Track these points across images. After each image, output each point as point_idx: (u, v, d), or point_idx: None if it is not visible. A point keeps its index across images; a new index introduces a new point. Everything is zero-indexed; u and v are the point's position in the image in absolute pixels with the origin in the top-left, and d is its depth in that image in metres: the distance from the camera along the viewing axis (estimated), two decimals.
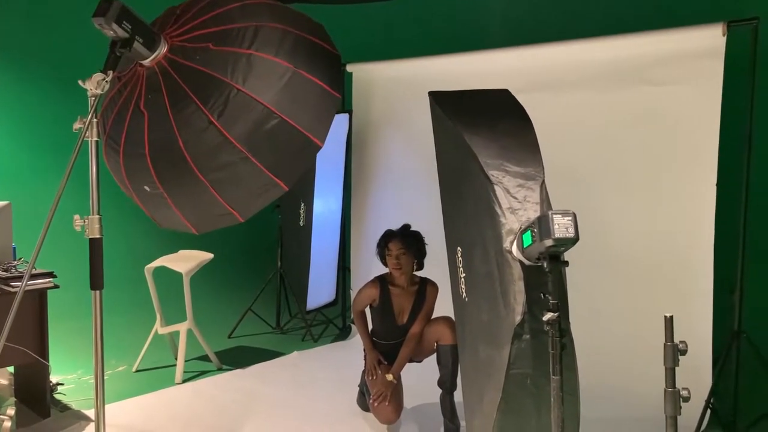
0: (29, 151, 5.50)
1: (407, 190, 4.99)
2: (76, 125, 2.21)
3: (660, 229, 3.76)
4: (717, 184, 3.49)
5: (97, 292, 2.29)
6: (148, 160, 2.35)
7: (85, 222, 2.24)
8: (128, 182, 2.49)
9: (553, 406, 1.90)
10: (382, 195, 5.23)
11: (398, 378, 3.56)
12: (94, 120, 2.21)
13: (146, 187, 2.43)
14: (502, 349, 2.08)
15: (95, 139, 2.23)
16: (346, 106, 5.27)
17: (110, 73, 2.20)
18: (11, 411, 2.17)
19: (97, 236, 2.26)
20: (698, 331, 3.51)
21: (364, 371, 3.72)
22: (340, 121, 5.25)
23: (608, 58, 3.89)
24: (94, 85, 2.18)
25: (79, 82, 2.22)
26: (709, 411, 3.41)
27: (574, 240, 1.83)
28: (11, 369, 3.98)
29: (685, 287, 3.63)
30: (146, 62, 2.37)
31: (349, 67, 5.18)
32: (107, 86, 2.21)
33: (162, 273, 4.52)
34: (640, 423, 3.41)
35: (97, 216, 2.26)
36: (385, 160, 5.17)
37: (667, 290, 3.71)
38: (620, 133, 3.88)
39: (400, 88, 4.91)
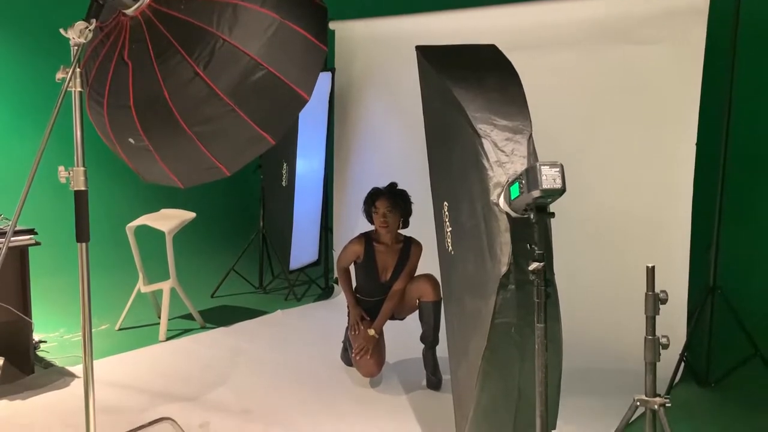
0: (2, 107, 5.38)
1: (390, 149, 4.99)
2: (59, 75, 2.16)
3: (640, 186, 3.82)
4: (697, 144, 3.54)
5: (83, 244, 2.28)
6: (133, 112, 2.31)
7: (70, 174, 2.21)
8: (112, 135, 2.46)
9: (537, 354, 1.95)
10: (364, 154, 5.22)
11: (380, 333, 3.62)
12: (77, 70, 2.18)
13: (131, 140, 2.40)
14: (488, 300, 2.12)
15: (79, 89, 2.20)
16: (328, 65, 5.22)
17: (93, 21, 2.15)
18: (0, 361, 2.17)
19: (83, 188, 2.24)
20: (675, 286, 3.59)
21: (347, 327, 3.77)
22: (322, 80, 5.20)
23: (592, 17, 3.90)
24: (77, 33, 2.14)
25: (61, 30, 2.18)
26: (683, 364, 3.52)
27: (561, 191, 1.86)
28: None
29: (663, 244, 3.71)
30: (129, 11, 2.31)
31: (332, 25, 5.11)
32: (90, 35, 2.16)
33: (143, 232, 4.50)
34: (619, 374, 3.51)
35: (82, 168, 2.23)
36: (369, 119, 5.15)
37: (646, 246, 3.79)
38: (602, 92, 3.91)
39: (385, 46, 4.87)
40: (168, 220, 4.45)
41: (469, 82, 2.38)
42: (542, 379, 1.95)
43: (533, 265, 1.91)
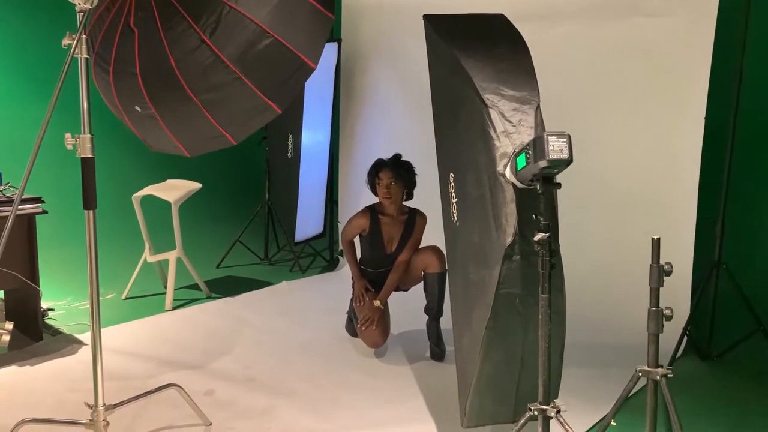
0: (7, 75, 5.37)
1: (397, 121, 4.97)
2: (65, 41, 2.15)
3: (646, 159, 3.81)
4: (705, 118, 3.51)
5: (90, 212, 2.28)
6: (140, 80, 2.31)
7: (76, 141, 2.21)
8: (119, 103, 2.45)
9: (541, 324, 1.96)
10: (371, 127, 5.20)
11: (385, 304, 3.64)
12: (84, 36, 2.17)
13: (137, 108, 2.40)
14: (493, 270, 2.12)
15: (85, 56, 2.19)
16: (335, 35, 5.18)
17: None
18: (9, 325, 2.19)
19: (89, 155, 2.24)
20: (679, 260, 3.56)
21: (352, 298, 3.79)
22: (328, 50, 5.16)
23: None
24: None
25: None
26: (685, 338, 3.53)
27: (568, 161, 1.86)
28: (1, 294, 4.01)
29: (668, 218, 3.70)
30: None
31: None
32: (96, 0, 2.15)
33: (150, 202, 4.51)
34: (623, 347, 3.53)
35: (89, 135, 2.23)
36: (375, 90, 5.12)
37: (651, 220, 3.78)
38: (611, 65, 3.87)
39: (392, 16, 4.82)
40: (174, 190, 4.46)
41: (477, 51, 2.36)
42: (545, 348, 1.97)
43: (538, 236, 1.91)
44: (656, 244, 1.97)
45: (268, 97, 2.36)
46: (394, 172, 3.59)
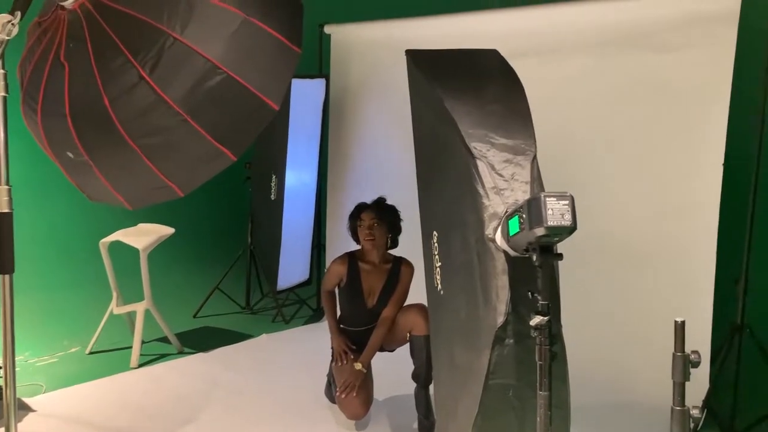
0: None
1: (389, 162, 4.64)
2: None
3: (659, 211, 3.48)
4: (724, 164, 3.20)
5: (6, 276, 1.94)
6: (69, 121, 1.98)
7: None
8: (49, 147, 2.13)
9: (539, 427, 1.58)
10: (361, 167, 4.88)
11: (368, 367, 3.25)
12: (1, 71, 1.86)
13: (69, 154, 2.07)
14: (481, 355, 1.76)
15: (3, 94, 1.89)
16: (323, 70, 4.89)
17: (18, 14, 1.85)
18: None
19: (6, 210, 1.92)
20: (696, 323, 3.22)
21: (332, 360, 3.41)
22: (315, 87, 4.88)
23: (611, 21, 3.57)
24: None
25: None
26: (705, 411, 3.13)
27: (571, 229, 1.50)
28: None
29: (684, 275, 3.37)
30: (67, 4, 1.98)
31: (328, 29, 4.80)
32: (15, 30, 1.85)
33: (121, 248, 4.17)
34: (634, 411, 3.15)
35: (6, 186, 1.91)
36: (366, 129, 4.81)
37: (665, 278, 3.45)
38: (619, 106, 3.58)
39: (383, 51, 4.53)
40: (144, 236, 4.12)
41: (465, 92, 2.02)
42: None
43: (535, 320, 1.54)
44: (680, 328, 1.60)
45: (220, 143, 2.03)
46: (377, 213, 3.28)
